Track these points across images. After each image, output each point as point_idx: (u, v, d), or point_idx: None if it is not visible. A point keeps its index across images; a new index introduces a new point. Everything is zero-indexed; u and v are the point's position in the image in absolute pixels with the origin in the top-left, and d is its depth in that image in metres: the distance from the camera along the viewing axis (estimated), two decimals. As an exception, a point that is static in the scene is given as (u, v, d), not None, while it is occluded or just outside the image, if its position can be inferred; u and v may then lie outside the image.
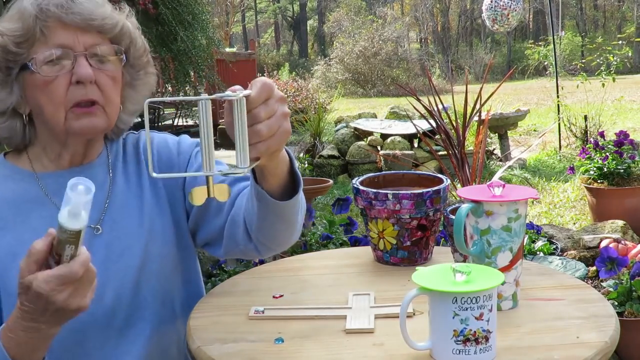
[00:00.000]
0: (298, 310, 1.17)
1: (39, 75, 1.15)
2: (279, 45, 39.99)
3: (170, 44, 5.80)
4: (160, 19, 5.61)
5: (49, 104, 1.16)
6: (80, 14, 1.16)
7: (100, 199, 1.25)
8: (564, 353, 0.98)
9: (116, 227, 1.24)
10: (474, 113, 4.11)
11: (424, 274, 0.99)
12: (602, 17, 34.76)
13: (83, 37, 1.17)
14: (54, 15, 1.15)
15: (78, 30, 1.16)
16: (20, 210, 1.20)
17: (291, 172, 1.15)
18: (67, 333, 1.12)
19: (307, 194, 4.65)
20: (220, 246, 1.31)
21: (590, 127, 7.52)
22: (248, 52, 13.29)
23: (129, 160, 1.32)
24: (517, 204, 1.11)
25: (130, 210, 1.26)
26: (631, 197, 4.40)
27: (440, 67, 25.89)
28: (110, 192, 1.27)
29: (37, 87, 1.16)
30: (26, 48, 1.16)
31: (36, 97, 1.17)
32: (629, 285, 2.56)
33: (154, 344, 1.24)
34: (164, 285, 1.27)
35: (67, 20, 1.15)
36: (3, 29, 1.15)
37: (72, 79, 1.16)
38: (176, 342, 1.30)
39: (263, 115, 0.98)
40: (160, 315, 1.26)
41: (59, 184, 1.21)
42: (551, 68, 9.43)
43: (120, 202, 1.26)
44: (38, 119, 1.22)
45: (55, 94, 1.16)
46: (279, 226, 1.19)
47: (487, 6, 8.13)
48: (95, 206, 1.20)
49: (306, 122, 8.25)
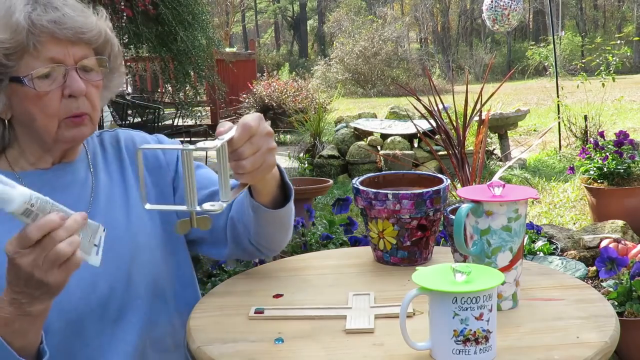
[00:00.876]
0: (298, 310, 1.17)
1: (32, 89, 1.16)
2: (279, 45, 40.01)
3: (170, 44, 5.81)
4: (160, 19, 5.62)
5: (41, 116, 1.18)
6: (72, 29, 1.17)
7: (85, 194, 1.28)
8: (564, 353, 0.98)
9: (103, 220, 1.23)
10: (474, 113, 4.11)
11: (424, 274, 0.99)
12: (602, 17, 34.77)
13: (73, 50, 1.18)
14: (47, 30, 1.15)
15: (69, 43, 1.18)
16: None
17: (282, 184, 1.25)
18: (65, 324, 1.16)
19: (307, 194, 4.65)
20: (225, 247, 1.37)
21: (590, 127, 7.52)
22: (248, 52, 13.30)
23: (109, 159, 1.35)
24: (517, 204, 1.11)
25: (115, 205, 1.29)
26: (631, 197, 4.40)
27: (440, 67, 25.90)
28: (93, 187, 1.29)
29: (29, 99, 1.17)
30: (15, 60, 1.16)
31: (27, 109, 1.19)
32: (629, 285, 2.56)
33: (147, 334, 1.26)
34: (155, 276, 1.30)
35: (60, 35, 1.16)
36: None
37: (65, 92, 1.18)
38: (170, 333, 1.31)
39: (247, 153, 1.10)
40: (152, 305, 1.28)
41: (42, 181, 1.23)
42: (551, 68, 9.44)
43: (105, 197, 1.29)
44: (23, 126, 1.23)
45: (49, 107, 1.18)
46: (274, 230, 1.32)
47: (487, 6, 8.13)
48: (81, 201, 1.25)
49: (306, 122, 8.25)
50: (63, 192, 1.24)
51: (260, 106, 10.86)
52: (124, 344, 1.23)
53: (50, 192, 1.14)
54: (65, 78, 1.18)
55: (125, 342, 1.23)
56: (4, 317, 1.01)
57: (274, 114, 10.81)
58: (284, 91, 11.04)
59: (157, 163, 1.36)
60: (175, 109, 8.45)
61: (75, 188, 1.27)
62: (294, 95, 10.94)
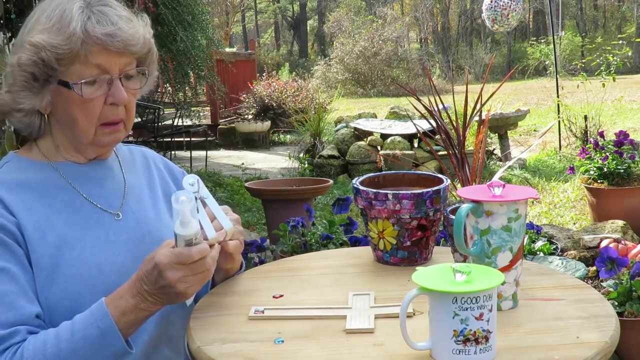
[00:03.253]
0: (298, 310, 1.17)
1: (79, 95, 1.21)
2: (279, 45, 40.00)
3: (169, 45, 5.80)
4: (160, 19, 5.62)
5: (83, 120, 1.24)
6: (123, 41, 1.21)
7: (119, 189, 1.35)
8: (564, 353, 0.98)
9: (134, 216, 1.33)
10: (474, 113, 4.10)
11: (424, 274, 0.99)
12: (602, 17, 34.77)
13: (119, 60, 1.23)
14: (101, 42, 1.19)
15: (116, 54, 1.22)
16: (43, 195, 1.25)
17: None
18: None
19: (307, 194, 4.66)
20: None
21: (590, 127, 7.52)
22: (248, 52, 13.29)
23: (138, 166, 1.43)
24: (517, 204, 1.11)
25: (145, 204, 1.37)
26: (631, 197, 4.39)
27: (440, 67, 25.90)
28: (125, 185, 1.36)
29: (73, 103, 1.23)
30: (65, 65, 1.20)
31: (70, 111, 1.24)
32: (629, 285, 2.56)
33: (162, 328, 1.29)
34: None
35: (111, 47, 1.20)
36: (44, 42, 1.18)
37: (108, 100, 1.24)
38: (184, 336, 1.31)
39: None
40: None
41: (79, 172, 1.31)
42: (551, 68, 9.44)
43: (135, 196, 1.36)
44: (61, 124, 1.28)
45: (92, 112, 1.24)
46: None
47: (487, 6, 8.13)
48: (116, 195, 1.33)
49: (306, 122, 8.25)
50: (99, 184, 1.31)
51: (260, 106, 10.85)
52: (145, 335, 1.26)
53: (86, 184, 1.29)
54: (110, 86, 1.23)
55: (146, 332, 1.26)
56: (124, 307, 1.11)
57: (274, 114, 10.81)
58: (284, 91, 11.03)
59: (172, 175, 1.48)
60: (175, 109, 8.45)
61: (110, 182, 1.34)
62: (294, 95, 10.93)
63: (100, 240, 1.25)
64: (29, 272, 1.18)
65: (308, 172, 7.57)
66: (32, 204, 1.22)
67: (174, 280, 1.08)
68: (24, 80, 1.21)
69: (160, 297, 1.11)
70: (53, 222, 1.22)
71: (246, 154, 9.89)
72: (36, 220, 1.21)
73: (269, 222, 4.66)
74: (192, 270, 1.09)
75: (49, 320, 1.16)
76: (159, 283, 1.09)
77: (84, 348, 1.09)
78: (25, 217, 1.20)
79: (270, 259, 3.02)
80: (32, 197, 1.24)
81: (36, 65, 1.19)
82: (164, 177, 1.46)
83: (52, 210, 1.24)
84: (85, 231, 1.24)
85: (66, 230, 1.23)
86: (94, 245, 1.24)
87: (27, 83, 1.21)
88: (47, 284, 1.18)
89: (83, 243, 1.23)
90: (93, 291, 1.17)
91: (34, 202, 1.23)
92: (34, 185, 1.26)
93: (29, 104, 1.23)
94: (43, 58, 1.18)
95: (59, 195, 1.26)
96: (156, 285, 1.10)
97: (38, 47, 1.18)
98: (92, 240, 1.24)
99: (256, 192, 4.73)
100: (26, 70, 1.20)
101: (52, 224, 1.22)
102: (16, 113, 1.25)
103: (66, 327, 1.11)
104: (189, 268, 1.09)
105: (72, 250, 1.21)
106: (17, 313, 1.12)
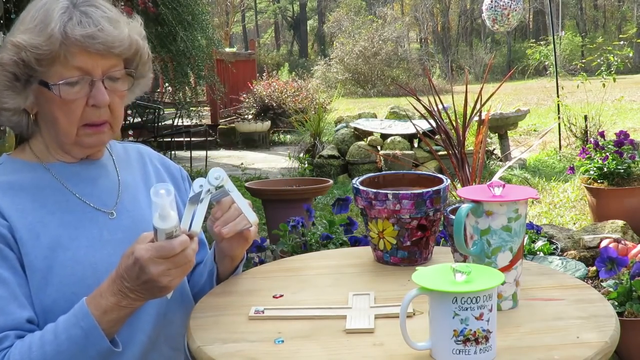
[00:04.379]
0: (298, 310, 1.17)
1: (57, 96, 1.20)
2: (279, 45, 40.00)
3: (169, 45, 5.80)
4: (160, 19, 5.62)
5: (64, 120, 1.23)
6: (104, 43, 1.20)
7: (113, 188, 1.34)
8: (564, 353, 0.97)
9: (129, 214, 1.32)
10: (474, 113, 4.10)
11: (424, 274, 0.99)
12: (602, 17, 34.77)
13: (102, 62, 1.22)
14: (79, 44, 1.18)
15: (98, 56, 1.21)
16: (36, 196, 1.25)
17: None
18: None
19: (307, 194, 4.66)
20: None
21: (590, 127, 7.52)
22: (248, 52, 13.29)
23: (133, 165, 1.42)
24: (517, 204, 1.11)
25: (140, 202, 1.36)
26: (631, 197, 4.39)
27: (440, 67, 25.89)
28: (120, 184, 1.35)
29: (54, 103, 1.22)
30: (46, 66, 1.20)
31: (52, 111, 1.24)
32: (629, 285, 2.56)
33: (160, 327, 1.29)
34: None
35: (92, 49, 1.19)
36: (25, 43, 1.18)
37: (89, 102, 1.23)
38: (183, 334, 1.32)
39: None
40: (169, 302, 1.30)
41: (71, 172, 1.30)
42: (551, 68, 9.44)
43: (130, 194, 1.36)
44: (46, 124, 1.28)
45: (73, 113, 1.23)
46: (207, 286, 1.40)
47: (487, 6, 8.13)
48: (111, 194, 1.33)
49: (306, 122, 8.25)
50: (92, 184, 1.31)
51: (260, 106, 10.85)
52: (142, 335, 1.26)
53: (79, 184, 1.28)
54: (91, 88, 1.22)
55: (143, 332, 1.27)
56: (105, 305, 1.10)
57: (274, 114, 10.81)
58: (284, 91, 11.03)
59: (175, 183, 1.46)
60: (175, 109, 8.45)
61: (104, 181, 1.33)
62: (293, 95, 10.93)
63: (94, 239, 1.25)
64: (21, 276, 1.17)
65: (308, 172, 7.57)
66: (24, 206, 1.22)
67: (156, 274, 1.07)
68: (7, 80, 1.21)
69: (142, 293, 1.10)
70: (47, 223, 1.22)
71: (246, 154, 9.90)
72: (29, 222, 1.21)
73: (269, 222, 4.67)
74: (174, 263, 1.08)
75: (45, 322, 1.16)
76: (141, 278, 1.08)
77: (69, 349, 1.09)
78: (18, 219, 1.20)
79: (270, 259, 3.02)
80: (25, 199, 1.23)
81: (17, 66, 1.19)
82: (160, 174, 1.45)
83: (46, 211, 1.24)
84: (79, 231, 1.24)
85: (60, 231, 1.22)
86: (88, 245, 1.24)
87: (10, 83, 1.21)
88: (41, 286, 1.18)
89: (77, 243, 1.23)
90: (88, 291, 1.16)
91: (26, 204, 1.23)
92: (27, 186, 1.25)
93: (13, 103, 1.23)
94: (23, 58, 1.18)
95: (52, 196, 1.26)
96: (138, 281, 1.08)
97: (19, 47, 1.18)
98: (87, 240, 1.24)
99: (256, 192, 4.73)
100: (8, 70, 1.20)
101: (45, 225, 1.22)
102: (4, 112, 1.25)
103: (50, 329, 1.11)
104: (171, 261, 1.08)
105: (66, 250, 1.21)
106: (8, 318, 1.12)
